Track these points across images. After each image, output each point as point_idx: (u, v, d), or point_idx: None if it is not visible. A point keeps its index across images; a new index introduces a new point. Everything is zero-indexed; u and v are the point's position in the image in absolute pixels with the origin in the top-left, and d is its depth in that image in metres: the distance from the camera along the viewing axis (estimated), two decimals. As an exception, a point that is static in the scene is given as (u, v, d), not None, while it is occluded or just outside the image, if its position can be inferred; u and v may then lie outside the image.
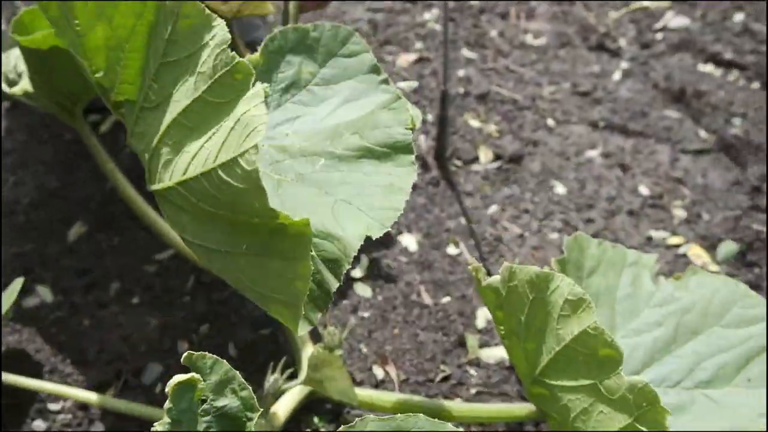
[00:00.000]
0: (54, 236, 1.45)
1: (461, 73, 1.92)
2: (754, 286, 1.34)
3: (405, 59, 1.99)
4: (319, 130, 0.82)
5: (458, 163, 1.62)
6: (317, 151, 0.78)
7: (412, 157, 0.76)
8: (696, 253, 1.40)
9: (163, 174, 0.70)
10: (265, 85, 0.71)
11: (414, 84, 1.88)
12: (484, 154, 1.64)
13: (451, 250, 1.42)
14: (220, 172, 0.64)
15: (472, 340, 1.23)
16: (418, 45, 2.05)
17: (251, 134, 0.62)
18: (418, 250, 1.42)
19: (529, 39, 2.09)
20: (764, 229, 1.43)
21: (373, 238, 0.73)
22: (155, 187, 0.72)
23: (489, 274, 1.37)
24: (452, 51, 2.02)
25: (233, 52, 0.66)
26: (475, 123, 1.73)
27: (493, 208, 1.51)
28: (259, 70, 0.88)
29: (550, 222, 1.47)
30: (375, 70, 0.90)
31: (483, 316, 1.29)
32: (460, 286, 1.34)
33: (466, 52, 2.02)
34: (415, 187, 1.55)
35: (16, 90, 1.27)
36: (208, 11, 0.68)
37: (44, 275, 1.38)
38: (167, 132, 0.69)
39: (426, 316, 1.28)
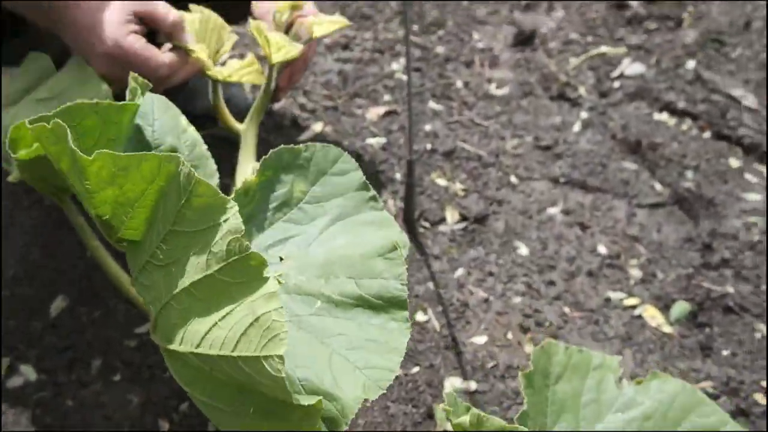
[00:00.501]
0: (37, 312, 1.50)
1: (428, 127, 1.99)
2: (705, 347, 1.42)
3: (374, 112, 2.06)
4: (312, 262, 0.87)
5: (426, 224, 1.69)
6: (313, 291, 0.83)
7: (407, 313, 0.80)
8: (651, 314, 1.48)
9: (172, 336, 0.75)
10: (279, 275, 0.77)
11: (383, 140, 1.95)
12: (451, 215, 1.71)
13: (420, 317, 1.49)
14: (240, 363, 0.70)
15: (440, 412, 1.30)
16: (387, 97, 2.12)
17: (274, 341, 0.67)
18: (389, 316, 1.49)
19: (493, 89, 2.17)
20: (715, 288, 1.52)
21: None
22: (163, 344, 0.77)
23: (455, 342, 1.45)
24: (419, 103, 2.09)
25: (247, 243, 0.69)
26: (441, 182, 1.81)
27: (460, 271, 1.58)
28: (254, 190, 0.94)
29: (514, 285, 1.55)
30: (364, 187, 0.96)
31: (450, 385, 1.37)
32: (428, 355, 1.41)
33: (432, 104, 2.10)
34: (385, 250, 1.62)
35: (10, 178, 1.31)
36: (221, 194, 0.72)
37: (28, 353, 1.43)
38: (177, 297, 0.74)
39: (396, 387, 1.35)
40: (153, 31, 1.20)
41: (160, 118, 0.95)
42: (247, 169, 1.22)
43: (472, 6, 2.55)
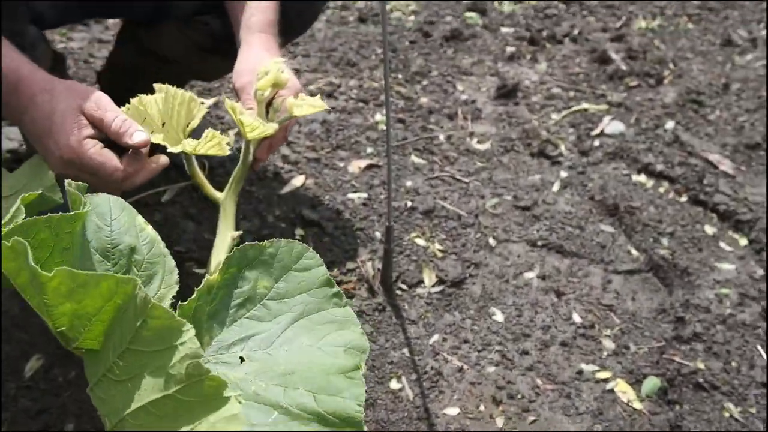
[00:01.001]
0: (12, 372, 1.49)
1: (409, 183, 2.01)
2: (675, 426, 1.44)
3: (356, 165, 2.08)
4: (273, 366, 0.88)
5: (404, 286, 1.71)
6: (271, 401, 0.84)
7: (362, 435, 0.81)
8: (622, 389, 1.50)
9: (129, 449, 0.76)
10: (238, 393, 0.78)
11: (364, 195, 1.96)
12: (428, 277, 1.73)
13: (394, 384, 1.50)
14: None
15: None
16: (369, 150, 2.13)
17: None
18: (364, 382, 1.50)
19: (474, 144, 2.19)
20: (686, 363, 1.54)
21: None
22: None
23: (428, 412, 1.46)
24: (401, 157, 2.11)
25: (207, 367, 0.70)
26: (420, 241, 1.82)
27: (435, 337, 1.60)
28: (218, 287, 0.95)
29: (488, 354, 1.56)
30: (327, 283, 0.97)
31: (422, 460, 1.38)
32: (400, 425, 1.42)
33: (414, 158, 2.11)
34: (361, 314, 1.63)
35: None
36: (177, 318, 0.74)
37: (1, 416, 1.42)
38: (134, 414, 0.75)
39: (369, 460, 1.36)
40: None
41: (117, 217, 0.96)
42: (226, 239, 1.23)
43: (456, 56, 2.58)
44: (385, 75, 1.25)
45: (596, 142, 2.20)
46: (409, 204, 1.94)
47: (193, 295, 0.91)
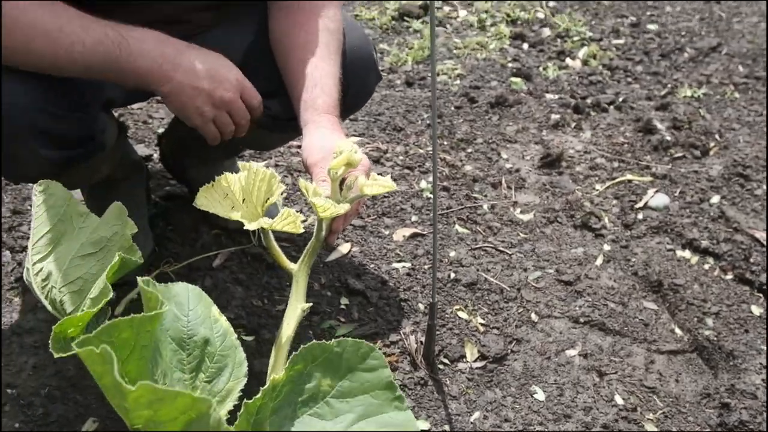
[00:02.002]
0: (65, 435, 1.54)
1: (452, 253, 2.04)
2: None
3: (401, 233, 2.12)
4: None
5: (446, 361, 1.73)
6: None
7: None
8: (664, 477, 1.50)
9: None
10: None
11: (408, 265, 2.00)
12: (470, 352, 1.75)
13: (436, 464, 1.52)
14: None
15: None
16: (414, 218, 2.17)
17: None
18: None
19: (518, 214, 2.22)
20: (728, 452, 1.53)
21: None
22: None
23: (469, 494, 1.47)
24: (445, 225, 2.15)
25: None
26: (463, 315, 1.85)
27: (476, 415, 1.61)
28: (283, 384, 0.98)
29: (529, 435, 1.57)
30: (390, 387, 1.00)
31: None
32: (442, 508, 1.44)
33: (458, 228, 2.15)
34: (403, 387, 1.66)
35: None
36: None
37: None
38: None
39: None
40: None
41: (194, 308, 1.01)
42: (296, 310, 1.26)
43: (501, 122, 2.63)
44: (433, 142, 1.29)
45: (640, 215, 2.21)
46: (453, 275, 1.96)
47: (259, 395, 0.95)
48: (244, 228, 1.26)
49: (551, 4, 3.46)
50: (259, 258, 1.98)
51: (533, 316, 1.86)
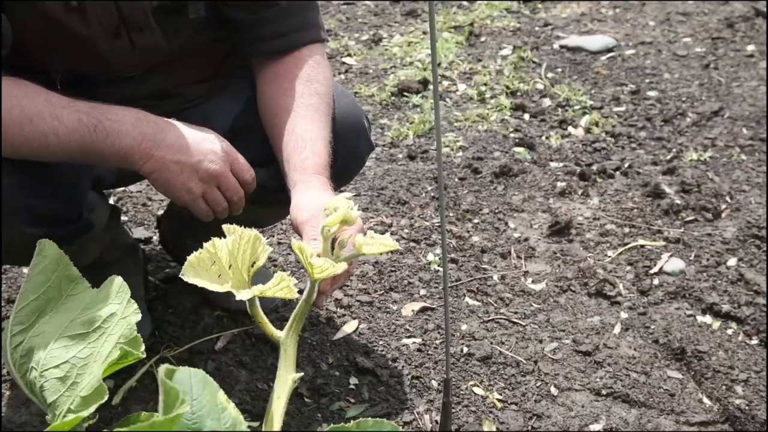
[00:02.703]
0: None
1: (464, 327, 1.96)
2: None
3: (410, 308, 2.04)
4: None
5: (463, 441, 1.63)
6: None
7: None
8: None
9: None
10: None
11: (418, 341, 1.91)
12: (489, 430, 1.65)
13: None
14: None
15: None
16: (422, 292, 2.10)
17: None
18: None
19: (529, 284, 2.14)
20: None
21: None
22: None
23: None
24: (455, 298, 2.07)
25: None
26: (478, 391, 1.76)
27: (499, 499, 1.50)
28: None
29: None
30: None
31: None
32: None
33: (468, 300, 2.07)
34: (420, 472, 1.55)
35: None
36: None
37: None
38: None
39: None
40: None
41: (198, 397, 0.93)
42: (287, 381, 1.18)
43: (507, 192, 2.59)
44: (440, 206, 1.24)
45: (656, 281, 2.14)
46: (466, 350, 1.88)
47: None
48: (236, 299, 1.18)
49: (549, 75, 3.47)
50: (262, 339, 1.90)
51: (553, 390, 1.77)
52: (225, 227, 1.25)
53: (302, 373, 1.18)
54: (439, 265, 2.21)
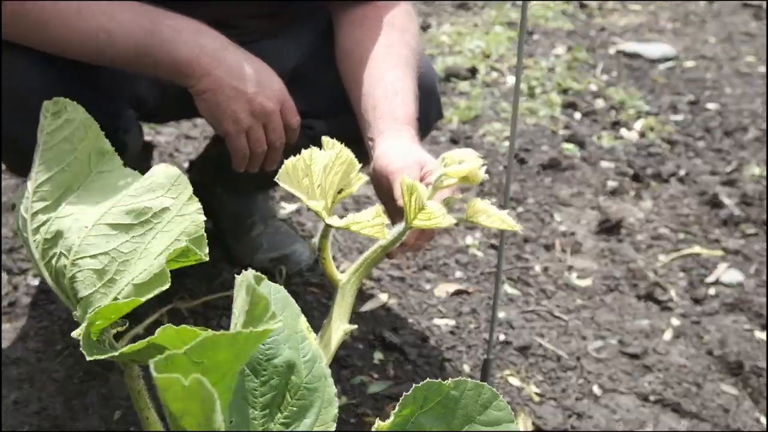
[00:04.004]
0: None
1: (502, 314, 1.81)
2: None
3: (444, 289, 1.89)
4: None
5: (494, 432, 1.47)
6: None
7: None
8: None
9: None
10: None
11: (451, 323, 1.77)
12: (524, 424, 1.49)
13: None
14: None
15: None
16: (458, 274, 1.96)
17: None
18: None
19: (574, 279, 1.99)
20: None
21: None
22: None
23: None
24: (493, 284, 1.92)
25: None
26: (514, 381, 1.60)
27: (531, 498, 1.35)
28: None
29: None
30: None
31: None
32: None
33: (508, 288, 1.92)
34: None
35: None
36: None
37: None
38: None
39: None
40: None
41: (278, 318, 0.77)
42: (338, 331, 1.03)
43: (554, 185, 2.43)
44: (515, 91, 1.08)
45: (711, 291, 1.97)
46: (503, 337, 1.73)
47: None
48: (327, 222, 1.02)
49: (604, 77, 3.32)
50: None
51: (596, 389, 1.61)
52: (324, 140, 1.08)
53: (355, 326, 1.03)
54: (477, 248, 2.06)
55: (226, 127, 1.25)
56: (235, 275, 0.81)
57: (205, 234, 0.92)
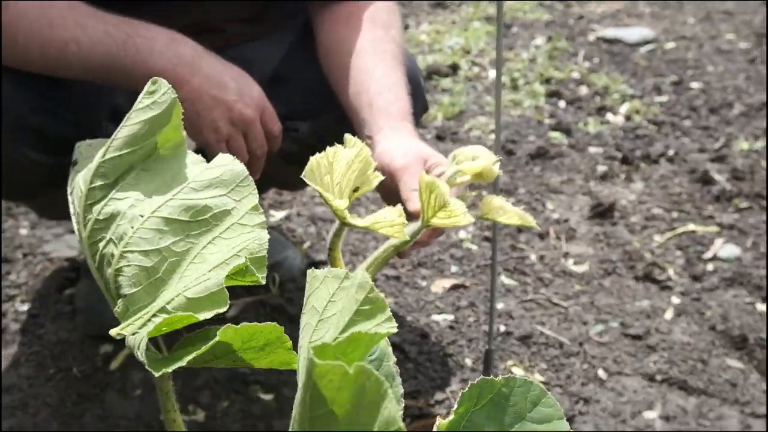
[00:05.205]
0: None
1: (500, 305, 1.78)
2: None
3: (440, 285, 1.87)
4: None
5: (501, 423, 1.45)
6: None
7: None
8: None
9: None
10: None
11: (450, 317, 1.74)
12: (530, 414, 1.47)
13: None
14: None
15: None
16: (454, 269, 1.93)
17: None
18: None
19: (570, 265, 1.97)
20: None
21: None
22: None
23: None
24: (489, 276, 1.90)
25: None
26: (518, 371, 1.58)
27: (544, 488, 1.32)
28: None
29: None
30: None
31: None
32: None
33: (505, 279, 1.90)
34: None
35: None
36: None
37: None
38: None
39: None
40: None
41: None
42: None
43: (544, 174, 2.41)
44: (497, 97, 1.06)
45: (710, 267, 1.96)
46: (503, 329, 1.70)
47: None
48: (347, 222, 0.99)
49: (586, 64, 3.31)
50: (278, 309, 1.74)
51: (601, 373, 1.58)
52: (347, 137, 1.05)
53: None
54: (471, 242, 2.04)
55: (206, 136, 1.23)
56: (309, 278, 0.77)
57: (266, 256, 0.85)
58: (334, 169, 0.97)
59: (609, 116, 2.84)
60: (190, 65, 1.18)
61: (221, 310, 0.78)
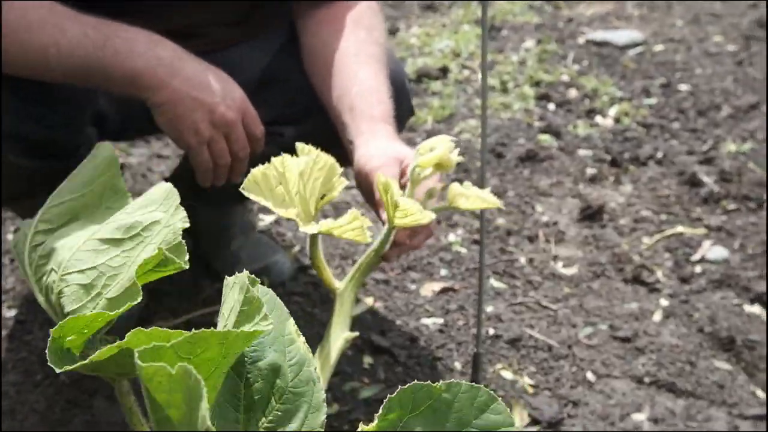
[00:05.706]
0: None
1: (489, 309, 1.79)
2: None
3: (429, 288, 1.87)
4: None
5: (490, 427, 1.45)
6: None
7: None
8: None
9: None
10: None
11: (439, 321, 1.74)
12: (520, 417, 1.47)
13: None
14: None
15: None
16: (443, 272, 1.93)
17: None
18: None
19: (560, 268, 1.97)
20: None
21: None
22: None
23: None
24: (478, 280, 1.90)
25: None
26: (507, 374, 1.58)
27: (532, 491, 1.32)
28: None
29: None
30: None
31: None
32: None
33: (494, 282, 1.90)
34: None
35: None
36: None
37: None
38: None
39: None
40: None
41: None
42: (338, 339, 1.01)
43: (533, 177, 2.42)
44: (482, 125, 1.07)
45: (698, 269, 1.96)
46: (492, 332, 1.71)
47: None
48: (300, 230, 1.00)
49: (575, 67, 3.31)
50: (268, 313, 1.73)
51: (590, 376, 1.59)
52: (299, 146, 1.06)
53: (356, 333, 1.01)
54: (461, 245, 2.04)
55: (186, 139, 1.22)
56: (223, 285, 0.78)
57: (184, 242, 0.88)
58: (287, 179, 0.97)
59: (598, 119, 2.85)
60: (170, 67, 1.18)
61: (134, 303, 0.79)
